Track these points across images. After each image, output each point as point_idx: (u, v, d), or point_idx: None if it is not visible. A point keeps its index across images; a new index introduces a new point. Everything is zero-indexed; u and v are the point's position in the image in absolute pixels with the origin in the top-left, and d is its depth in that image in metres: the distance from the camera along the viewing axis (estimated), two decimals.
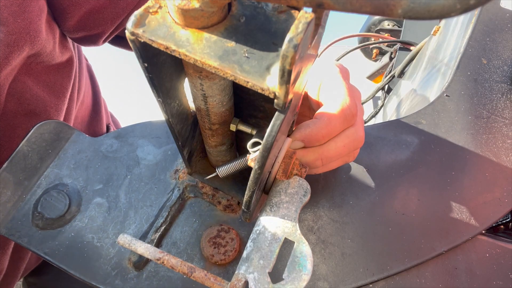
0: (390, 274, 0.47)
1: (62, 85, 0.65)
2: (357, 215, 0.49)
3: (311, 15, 0.20)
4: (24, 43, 0.52)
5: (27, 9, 0.51)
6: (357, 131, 0.39)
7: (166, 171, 0.50)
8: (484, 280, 0.48)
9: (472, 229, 0.50)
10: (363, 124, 0.41)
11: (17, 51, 0.51)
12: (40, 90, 0.61)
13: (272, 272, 0.29)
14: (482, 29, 0.69)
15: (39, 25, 0.54)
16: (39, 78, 0.60)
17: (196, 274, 0.29)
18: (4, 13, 0.49)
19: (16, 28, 0.50)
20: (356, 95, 0.40)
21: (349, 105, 0.37)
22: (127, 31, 0.24)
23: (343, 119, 0.37)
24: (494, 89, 0.63)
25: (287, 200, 0.33)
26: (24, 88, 0.58)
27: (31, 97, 0.59)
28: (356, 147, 0.41)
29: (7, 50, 0.50)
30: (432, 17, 0.15)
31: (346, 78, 0.41)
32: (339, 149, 0.39)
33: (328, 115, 0.37)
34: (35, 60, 0.57)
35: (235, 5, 0.25)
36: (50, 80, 0.63)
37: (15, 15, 0.50)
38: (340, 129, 0.38)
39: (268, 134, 0.27)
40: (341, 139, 0.39)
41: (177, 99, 0.34)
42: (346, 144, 0.39)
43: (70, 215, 0.46)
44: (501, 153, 0.56)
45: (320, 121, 0.37)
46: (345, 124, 0.38)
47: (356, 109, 0.38)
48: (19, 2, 0.50)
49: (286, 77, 0.21)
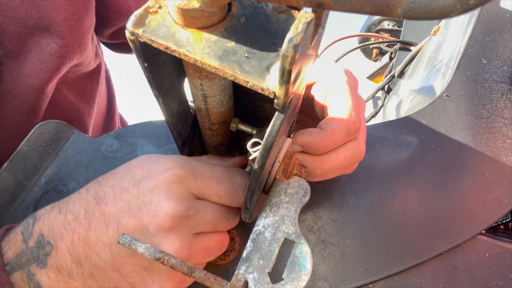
0: (390, 274, 0.47)
1: (92, 92, 0.68)
2: (357, 215, 0.50)
3: (311, 15, 0.20)
4: (75, 55, 0.54)
5: (82, 23, 0.54)
6: (359, 145, 0.40)
7: None
8: (484, 280, 0.48)
9: (472, 229, 0.50)
10: (365, 138, 0.41)
11: (67, 62, 0.53)
12: (73, 98, 0.63)
13: (272, 272, 0.29)
14: (482, 29, 0.69)
15: (88, 38, 0.57)
16: (73, 86, 0.62)
17: (196, 274, 0.29)
18: (62, 26, 0.51)
19: (71, 41, 0.52)
20: (361, 107, 0.41)
21: (353, 119, 0.37)
22: (127, 31, 0.24)
23: (346, 133, 0.38)
24: (494, 89, 0.63)
25: (286, 200, 0.33)
26: (60, 96, 0.60)
27: (66, 105, 0.61)
28: (357, 160, 0.41)
29: (59, 62, 0.52)
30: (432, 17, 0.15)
31: (354, 88, 0.41)
32: (340, 161, 0.39)
33: (333, 127, 0.37)
34: (73, 69, 0.59)
35: (235, 5, 0.25)
36: (82, 87, 0.65)
37: (72, 29, 0.52)
38: (343, 142, 0.39)
39: (268, 134, 0.27)
40: (342, 151, 0.39)
41: (177, 99, 0.34)
42: (347, 156, 0.39)
43: None
44: (501, 153, 0.56)
45: (324, 132, 0.37)
46: (348, 137, 0.38)
47: (359, 123, 0.38)
48: (77, 18, 0.52)
49: (286, 77, 0.21)
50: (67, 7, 0.51)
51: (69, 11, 0.51)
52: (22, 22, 0.48)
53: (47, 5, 0.49)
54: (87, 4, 0.54)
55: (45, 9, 0.49)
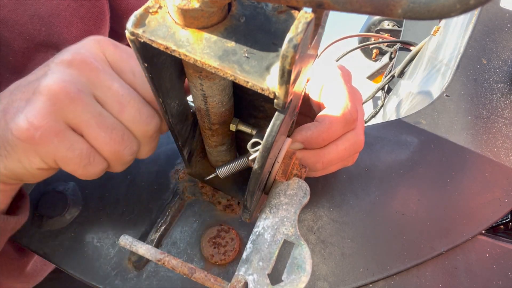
0: (390, 274, 0.47)
1: None
2: (357, 215, 0.49)
3: (311, 15, 0.20)
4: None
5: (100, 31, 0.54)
6: (358, 135, 0.40)
7: (166, 171, 0.50)
8: (484, 280, 0.48)
9: (472, 229, 0.50)
10: (363, 128, 0.41)
11: None
12: None
13: (271, 273, 0.29)
14: (482, 29, 0.69)
15: None
16: None
17: (196, 275, 0.29)
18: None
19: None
20: (357, 98, 0.41)
21: (350, 109, 0.38)
22: (127, 31, 0.24)
23: (344, 124, 0.38)
24: (494, 89, 0.63)
25: (286, 201, 0.33)
26: None
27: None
28: (356, 151, 0.41)
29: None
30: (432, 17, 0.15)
31: (348, 81, 0.41)
32: (340, 153, 0.39)
33: (330, 119, 0.37)
34: None
35: (235, 5, 0.25)
36: None
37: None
38: (341, 133, 0.39)
39: (268, 134, 0.26)
40: (341, 142, 0.39)
41: (177, 99, 0.34)
42: (346, 147, 0.39)
43: (70, 215, 0.46)
44: (501, 153, 0.56)
45: (321, 125, 0.37)
46: (346, 128, 0.38)
47: (356, 114, 0.38)
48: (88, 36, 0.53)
49: (286, 77, 0.21)
50: (80, 25, 0.51)
51: (81, 29, 0.51)
52: (30, 39, 0.47)
53: (58, 22, 0.48)
54: (99, 22, 0.54)
55: (56, 27, 0.48)
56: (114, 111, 0.33)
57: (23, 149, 0.31)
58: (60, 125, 0.30)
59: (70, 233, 0.46)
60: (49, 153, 0.31)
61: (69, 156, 0.31)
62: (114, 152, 0.33)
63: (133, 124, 0.33)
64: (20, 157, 0.32)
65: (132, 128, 0.34)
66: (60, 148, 0.31)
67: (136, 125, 0.34)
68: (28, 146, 0.31)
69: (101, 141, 0.32)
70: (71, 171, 0.33)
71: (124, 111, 0.33)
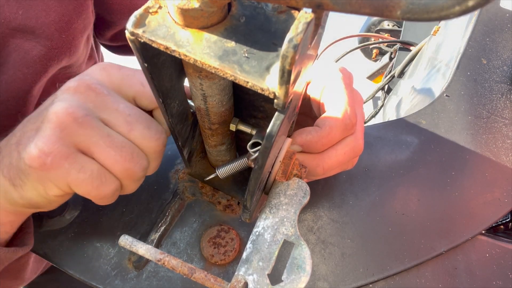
0: (390, 274, 0.47)
1: None
2: (357, 215, 0.49)
3: (311, 15, 0.20)
4: (64, 57, 0.53)
5: (72, 26, 0.52)
6: (357, 139, 0.40)
7: (166, 171, 0.50)
8: (484, 280, 0.48)
9: (472, 229, 0.50)
10: (362, 132, 0.42)
11: (55, 64, 0.52)
12: None
13: (271, 273, 0.29)
14: (482, 29, 0.69)
15: (80, 41, 0.55)
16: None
17: (196, 275, 0.29)
18: (52, 28, 0.49)
19: (60, 43, 0.51)
20: (357, 101, 0.41)
21: (349, 114, 0.38)
22: (127, 31, 0.24)
23: (343, 128, 0.38)
24: (494, 89, 0.63)
25: (286, 202, 0.33)
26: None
27: None
28: (356, 155, 0.41)
29: (48, 64, 0.51)
30: (431, 19, 0.15)
31: (349, 84, 0.41)
32: (340, 157, 0.39)
33: (330, 124, 0.38)
34: (63, 71, 0.58)
35: (235, 5, 0.25)
36: None
37: (61, 31, 0.51)
38: (340, 137, 0.39)
39: (268, 134, 0.27)
40: (341, 147, 0.39)
41: (177, 99, 0.34)
42: (346, 152, 0.39)
43: (70, 215, 0.46)
44: (501, 153, 0.56)
45: (322, 130, 0.38)
46: (345, 133, 0.39)
47: (355, 118, 0.39)
48: (67, 19, 0.51)
49: (286, 77, 0.21)
50: (58, 9, 0.50)
51: (59, 13, 0.50)
52: (4, 23, 0.45)
53: (36, 6, 0.47)
54: (79, 7, 0.53)
55: (33, 10, 0.47)
56: (123, 131, 0.33)
57: (36, 176, 0.32)
58: (70, 149, 0.31)
59: (70, 233, 0.46)
60: (61, 177, 0.32)
61: (81, 177, 0.32)
62: (125, 170, 0.34)
63: (143, 140, 0.34)
64: (34, 185, 0.33)
65: (142, 145, 0.34)
66: (71, 171, 0.32)
67: (147, 142, 0.34)
68: (41, 173, 0.31)
69: (111, 160, 0.33)
70: (85, 193, 0.34)
71: (133, 129, 0.33)
